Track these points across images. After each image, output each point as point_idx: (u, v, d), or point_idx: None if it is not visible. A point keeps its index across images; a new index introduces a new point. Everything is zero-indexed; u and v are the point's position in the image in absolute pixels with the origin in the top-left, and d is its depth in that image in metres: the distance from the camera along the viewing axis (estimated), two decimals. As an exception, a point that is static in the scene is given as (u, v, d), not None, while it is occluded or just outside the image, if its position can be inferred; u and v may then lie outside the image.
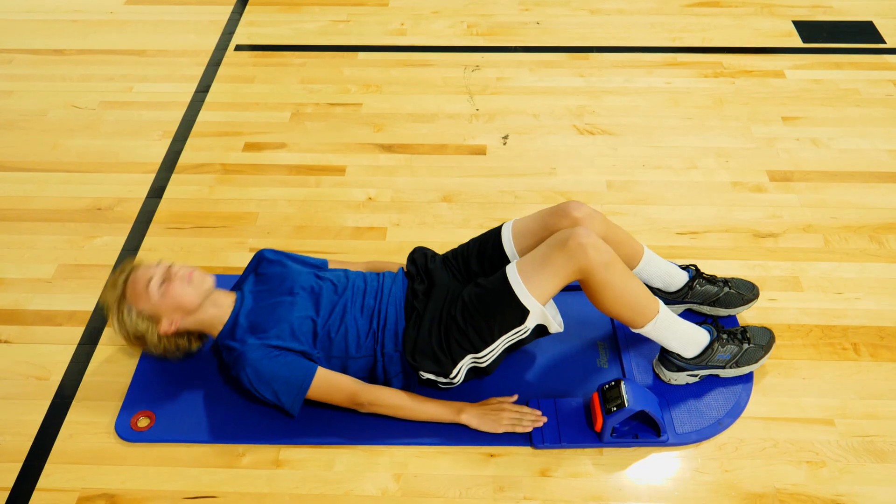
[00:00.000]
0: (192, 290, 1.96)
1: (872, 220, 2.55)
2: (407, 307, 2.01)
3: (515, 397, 2.02)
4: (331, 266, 2.23)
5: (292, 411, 1.92)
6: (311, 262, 2.19)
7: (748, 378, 2.07)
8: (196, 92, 3.20)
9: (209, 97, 3.17)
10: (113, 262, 2.48)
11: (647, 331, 1.94)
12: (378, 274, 2.11)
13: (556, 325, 1.93)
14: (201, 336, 2.09)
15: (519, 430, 1.96)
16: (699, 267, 2.25)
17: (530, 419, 1.97)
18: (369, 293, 2.04)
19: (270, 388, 1.90)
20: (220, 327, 2.01)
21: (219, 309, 2.01)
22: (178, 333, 2.01)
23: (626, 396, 1.88)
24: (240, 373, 1.91)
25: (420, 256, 2.13)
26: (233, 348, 1.95)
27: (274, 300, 2.02)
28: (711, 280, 2.19)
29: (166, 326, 1.97)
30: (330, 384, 1.93)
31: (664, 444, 1.95)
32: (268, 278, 2.10)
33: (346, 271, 2.13)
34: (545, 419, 1.98)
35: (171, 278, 1.95)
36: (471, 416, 1.97)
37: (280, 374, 1.89)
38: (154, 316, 1.96)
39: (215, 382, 2.11)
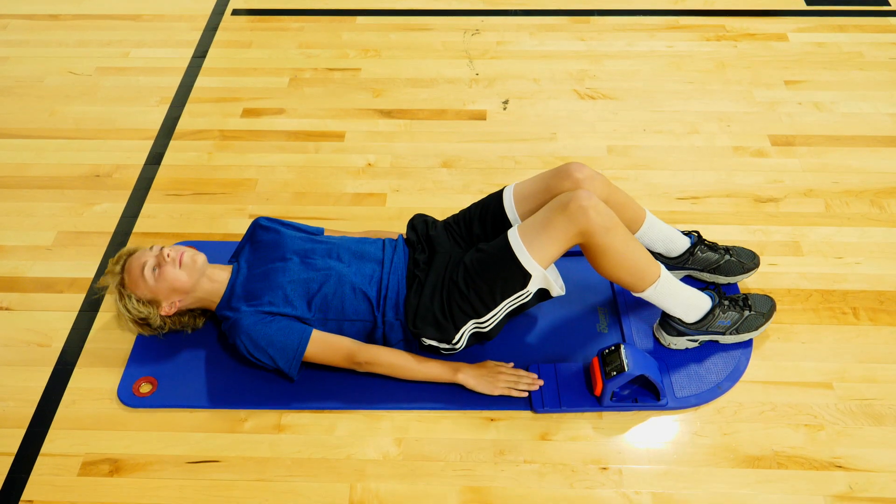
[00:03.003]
0: (185, 270, 1.99)
1: (874, 184, 2.54)
2: (409, 276, 2.01)
3: (511, 364, 2.03)
4: (327, 234, 2.23)
5: (291, 374, 1.94)
6: (306, 230, 2.19)
7: (748, 343, 2.08)
8: (193, 57, 3.17)
9: (206, 62, 3.14)
10: (112, 229, 2.47)
11: (649, 295, 1.94)
12: (377, 241, 2.11)
13: (557, 288, 1.93)
14: (204, 311, 2.12)
15: (514, 393, 1.97)
16: (701, 233, 2.24)
17: (526, 382, 1.98)
18: (367, 259, 2.05)
19: (266, 354, 1.92)
20: (219, 300, 2.03)
21: (214, 283, 2.04)
22: (181, 312, 2.05)
23: (625, 361, 1.89)
24: (236, 341, 1.94)
25: (420, 223, 2.13)
26: (228, 317, 1.98)
27: (267, 267, 2.03)
28: (713, 247, 2.18)
29: (167, 308, 2.01)
30: (327, 345, 1.94)
31: (663, 407, 1.96)
32: (262, 246, 2.11)
33: (342, 237, 2.13)
34: (541, 382, 1.99)
35: (163, 262, 1.97)
36: (468, 375, 1.97)
37: (275, 338, 1.91)
38: (153, 300, 2.00)
39: (217, 348, 2.12)
